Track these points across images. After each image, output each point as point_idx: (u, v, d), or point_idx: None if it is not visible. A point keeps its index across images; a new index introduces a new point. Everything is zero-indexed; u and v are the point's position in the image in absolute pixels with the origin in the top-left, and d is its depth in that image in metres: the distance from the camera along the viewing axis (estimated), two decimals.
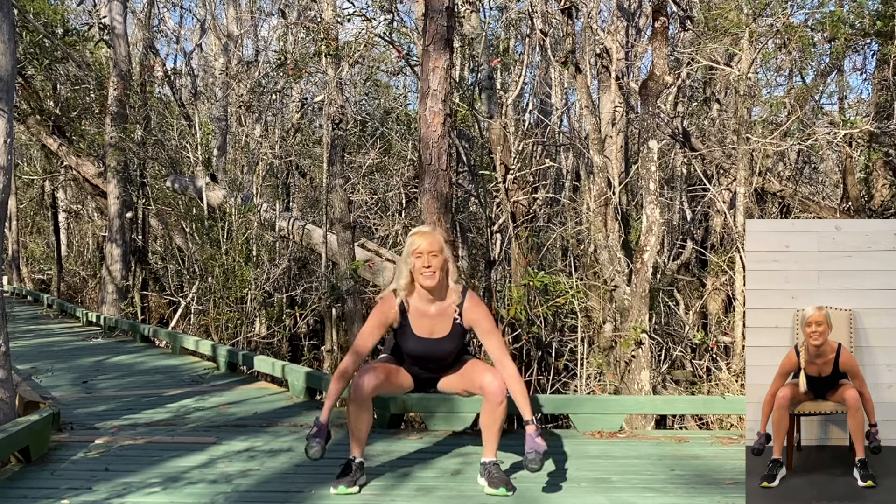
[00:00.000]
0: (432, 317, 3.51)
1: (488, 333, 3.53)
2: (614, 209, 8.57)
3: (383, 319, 3.52)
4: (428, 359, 3.58)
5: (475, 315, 3.52)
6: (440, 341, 3.52)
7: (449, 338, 3.52)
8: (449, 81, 6.03)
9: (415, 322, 3.51)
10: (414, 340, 3.52)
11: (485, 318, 3.53)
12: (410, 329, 3.52)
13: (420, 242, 3.43)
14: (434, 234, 3.48)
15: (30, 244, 26.36)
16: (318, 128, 15.08)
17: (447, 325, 3.51)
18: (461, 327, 3.54)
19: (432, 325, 3.51)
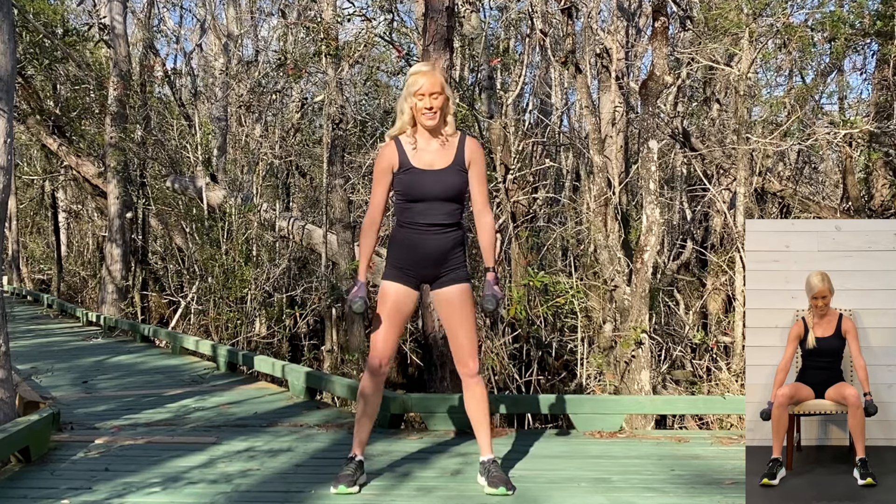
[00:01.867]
0: (433, 151, 3.47)
1: (479, 178, 3.52)
2: (614, 209, 8.57)
3: (385, 164, 3.48)
4: (428, 197, 3.45)
5: (475, 153, 3.50)
6: (441, 173, 3.45)
7: (450, 170, 3.46)
8: (449, 81, 6.03)
9: (415, 157, 3.46)
10: (415, 174, 3.44)
11: (482, 161, 3.53)
12: (411, 164, 3.45)
13: (422, 82, 3.38)
14: (434, 74, 3.43)
15: (30, 244, 26.36)
16: (318, 128, 15.10)
17: (448, 157, 3.47)
18: (462, 161, 3.48)
19: (433, 158, 3.47)
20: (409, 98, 3.42)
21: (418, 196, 3.45)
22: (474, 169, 3.51)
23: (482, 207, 3.54)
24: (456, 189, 3.47)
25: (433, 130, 3.46)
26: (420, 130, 3.48)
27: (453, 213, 3.49)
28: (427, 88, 3.38)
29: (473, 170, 3.50)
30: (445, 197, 3.45)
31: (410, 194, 3.46)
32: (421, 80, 3.39)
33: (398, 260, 3.53)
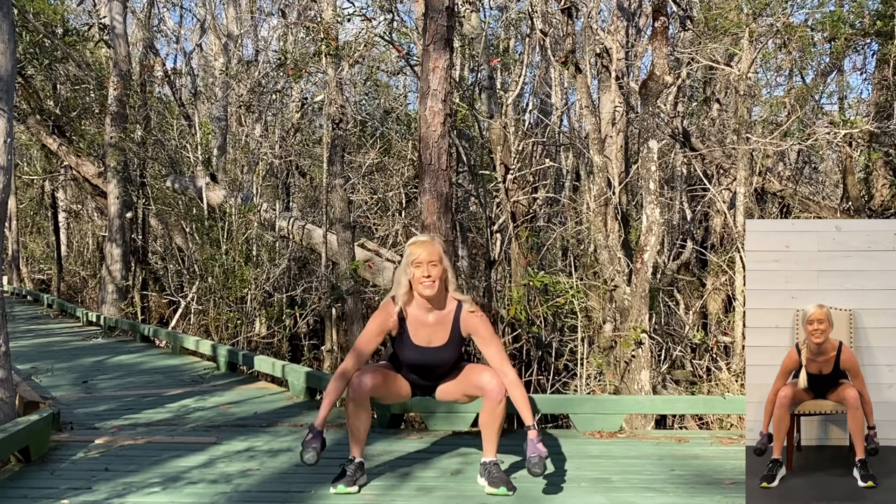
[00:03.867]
0: (430, 325, 3.50)
1: (487, 341, 3.52)
2: (614, 209, 8.57)
3: (383, 326, 3.52)
4: (426, 367, 3.58)
5: (473, 323, 3.51)
6: (438, 350, 3.52)
7: (447, 346, 3.52)
8: (449, 81, 6.03)
9: (413, 331, 3.51)
10: (412, 349, 3.52)
11: (483, 326, 3.52)
12: (409, 337, 3.52)
13: (419, 252, 3.41)
14: (433, 244, 3.46)
15: (30, 244, 26.35)
16: (318, 128, 15.10)
17: (445, 334, 3.51)
18: (459, 336, 3.53)
19: (430, 334, 3.51)
20: (408, 268, 3.44)
21: (416, 367, 3.59)
22: (477, 336, 3.55)
23: (500, 366, 3.49)
24: (452, 362, 3.59)
25: (432, 301, 3.47)
26: (418, 301, 3.49)
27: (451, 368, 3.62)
28: (425, 258, 3.40)
29: (476, 337, 3.55)
30: (442, 367, 3.59)
31: (406, 362, 3.59)
32: (418, 250, 3.42)
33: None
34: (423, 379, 3.64)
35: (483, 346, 3.54)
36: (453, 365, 3.61)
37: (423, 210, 6.01)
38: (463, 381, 3.57)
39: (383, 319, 3.51)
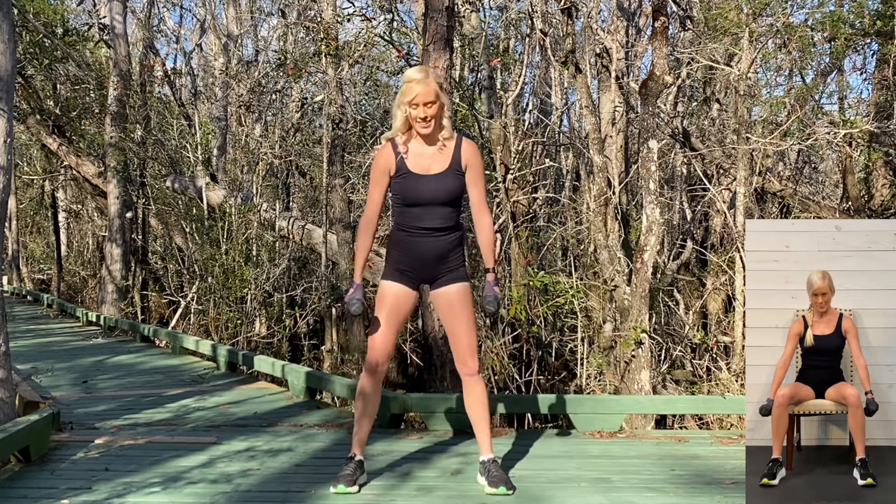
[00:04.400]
0: (429, 155, 3.46)
1: (477, 180, 3.51)
2: (614, 209, 8.57)
3: (382, 166, 3.47)
4: (425, 202, 3.45)
5: (471, 156, 3.49)
6: (438, 177, 3.44)
7: (446, 174, 3.45)
8: (449, 81, 6.03)
9: (411, 162, 3.45)
10: (411, 179, 3.44)
11: (479, 163, 3.51)
12: (407, 168, 3.45)
13: (416, 91, 3.35)
14: (429, 82, 3.38)
15: (30, 244, 26.36)
16: (318, 128, 15.09)
17: (445, 161, 3.46)
18: (459, 165, 3.47)
19: (429, 163, 3.46)
20: (403, 105, 3.41)
21: (415, 201, 3.45)
22: (471, 171, 3.50)
23: (480, 208, 3.54)
24: (453, 193, 3.47)
25: (428, 136, 3.45)
26: (415, 134, 3.47)
27: (451, 216, 3.49)
28: (421, 98, 3.35)
29: (470, 172, 3.50)
30: (442, 201, 3.45)
31: (407, 199, 3.46)
32: (416, 88, 3.36)
33: (397, 262, 3.53)
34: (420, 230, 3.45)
35: (471, 182, 3.50)
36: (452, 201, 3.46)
37: None
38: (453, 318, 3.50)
39: (381, 159, 3.48)
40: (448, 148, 3.47)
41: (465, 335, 3.49)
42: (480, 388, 3.52)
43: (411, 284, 3.53)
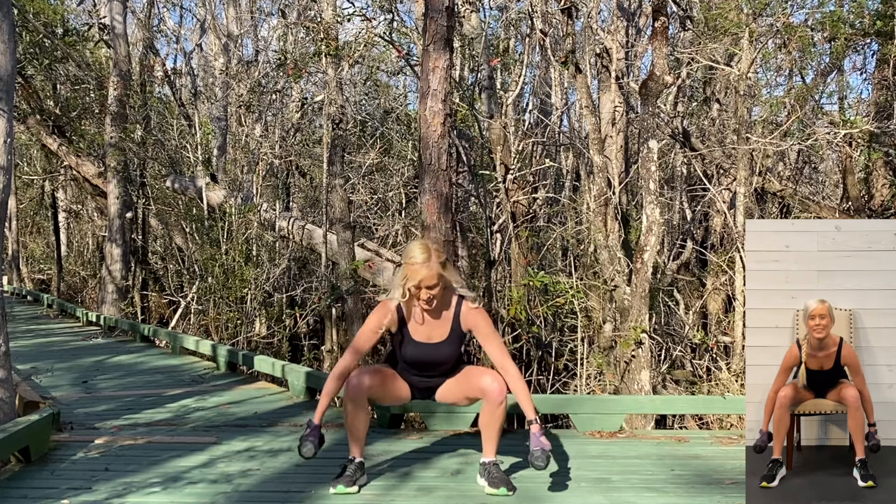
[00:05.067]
0: (430, 322, 3.50)
1: (488, 337, 3.51)
2: (614, 209, 8.57)
3: (381, 323, 3.50)
4: (426, 365, 3.55)
5: (474, 318, 3.50)
6: (438, 346, 3.50)
7: (447, 342, 3.51)
8: (449, 81, 6.03)
9: (413, 327, 3.50)
10: (412, 346, 3.51)
11: (483, 322, 3.51)
12: (408, 334, 3.50)
13: (419, 276, 3.35)
14: (431, 266, 3.36)
15: (30, 244, 26.35)
16: (318, 128, 15.09)
17: (445, 330, 3.50)
18: (460, 331, 3.52)
19: (430, 331, 3.50)
20: (407, 283, 3.40)
21: (415, 364, 3.56)
22: (478, 332, 3.53)
23: (502, 362, 3.50)
24: (453, 356, 3.57)
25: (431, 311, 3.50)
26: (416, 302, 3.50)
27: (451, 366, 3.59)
28: (425, 283, 3.37)
29: (478, 333, 3.54)
30: (443, 366, 3.57)
31: (407, 359, 3.56)
32: (420, 273, 3.35)
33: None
34: (422, 376, 3.60)
35: (484, 341, 3.52)
36: (454, 365, 3.60)
37: (423, 210, 6.01)
38: (463, 384, 3.56)
39: (382, 315, 3.49)
40: (448, 315, 3.51)
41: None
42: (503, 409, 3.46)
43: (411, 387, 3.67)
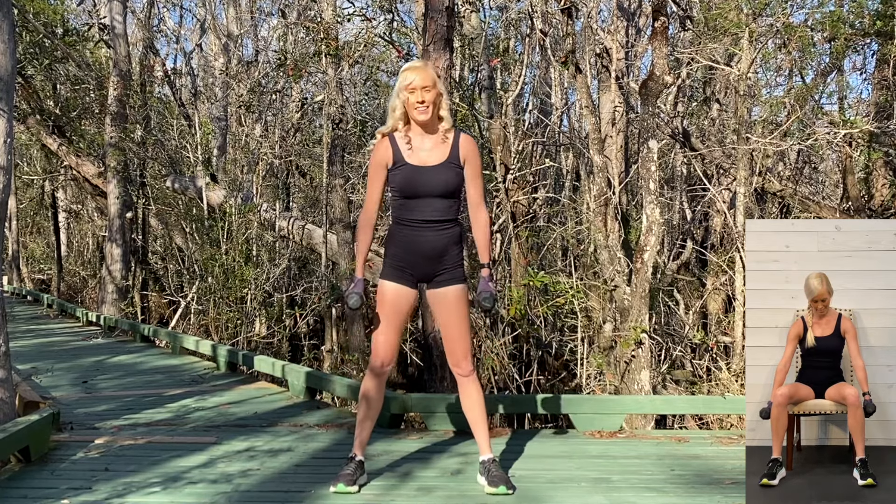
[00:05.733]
0: (427, 148, 3.46)
1: (474, 177, 3.51)
2: (614, 209, 8.57)
3: (379, 159, 3.48)
4: (422, 191, 3.44)
5: (470, 150, 3.49)
6: (435, 169, 3.44)
7: (444, 166, 3.45)
8: (449, 81, 6.03)
9: (409, 154, 3.45)
10: (409, 170, 3.43)
11: (477, 158, 3.52)
12: (405, 160, 3.44)
13: (412, 77, 3.38)
14: (426, 69, 3.43)
15: (30, 244, 26.36)
16: (318, 128, 15.09)
17: (443, 154, 3.46)
18: (457, 159, 3.47)
19: (427, 155, 3.46)
20: (401, 93, 3.41)
21: (413, 193, 3.44)
22: (469, 166, 3.50)
23: (477, 204, 3.55)
24: (451, 185, 3.46)
25: (427, 126, 3.45)
26: (414, 127, 3.46)
27: (449, 209, 3.48)
28: (418, 83, 3.36)
29: (469, 167, 3.50)
30: (441, 193, 3.45)
31: (405, 191, 3.45)
32: (412, 75, 3.38)
33: (396, 258, 3.52)
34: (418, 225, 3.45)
35: (470, 179, 3.50)
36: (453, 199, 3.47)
37: None
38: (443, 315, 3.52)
39: (379, 152, 3.48)
40: (447, 141, 3.48)
41: (459, 337, 3.49)
42: (476, 388, 3.52)
43: (410, 283, 3.52)
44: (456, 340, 3.49)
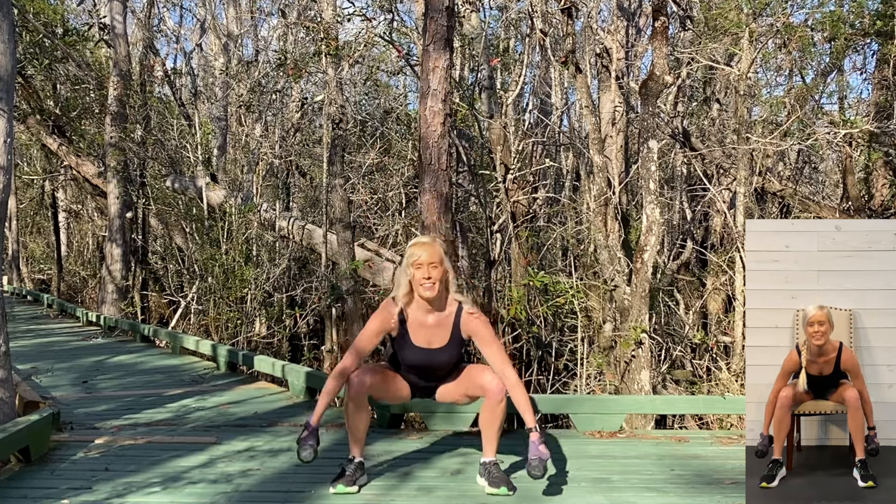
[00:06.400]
0: (430, 327, 3.50)
1: (487, 343, 3.50)
2: (614, 209, 8.57)
3: (383, 326, 3.51)
4: (426, 368, 3.57)
5: (473, 325, 3.50)
6: (438, 351, 3.51)
7: (447, 348, 3.51)
8: (449, 81, 6.03)
9: (413, 332, 3.50)
10: (412, 350, 3.51)
11: (483, 328, 3.51)
12: (409, 339, 3.51)
13: (420, 254, 3.40)
14: (434, 246, 3.44)
15: (30, 244, 26.34)
16: (318, 128, 15.09)
17: (445, 335, 3.50)
18: (460, 337, 3.52)
19: (431, 336, 3.50)
20: (409, 269, 3.43)
21: (415, 368, 3.57)
22: (477, 338, 3.53)
23: (502, 368, 3.47)
24: (452, 363, 3.58)
25: (432, 302, 3.46)
26: (418, 302, 3.48)
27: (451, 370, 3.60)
28: (426, 259, 3.39)
29: (477, 339, 3.53)
30: (442, 369, 3.57)
31: (407, 363, 3.57)
32: (419, 251, 3.41)
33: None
34: (422, 380, 3.62)
35: (483, 347, 3.53)
36: (453, 366, 3.60)
37: (423, 210, 6.01)
38: (464, 382, 3.57)
39: (383, 319, 3.50)
40: (448, 321, 3.50)
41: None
42: (503, 408, 3.47)
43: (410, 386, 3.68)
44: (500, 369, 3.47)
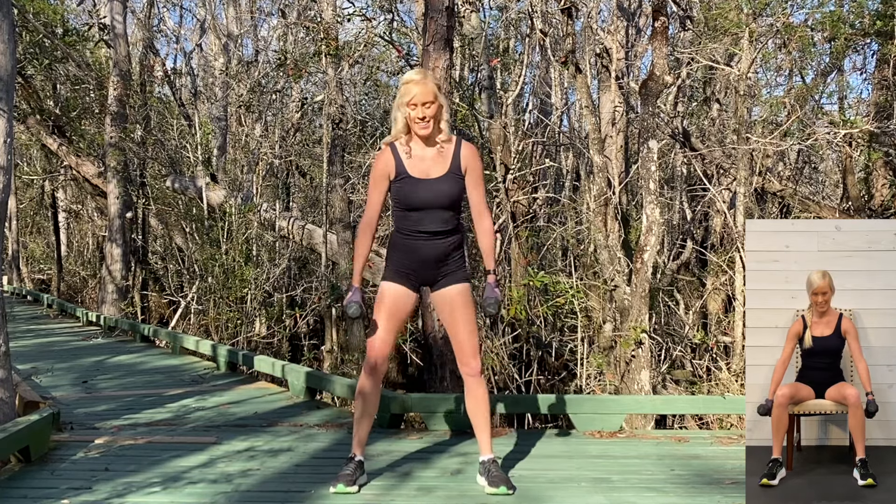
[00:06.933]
0: (429, 159, 3.47)
1: (476, 183, 3.52)
2: (614, 209, 8.57)
3: (381, 169, 3.48)
4: (424, 205, 3.45)
5: (471, 159, 3.49)
6: (437, 181, 3.45)
7: (446, 178, 3.45)
8: (449, 81, 6.03)
9: (411, 166, 3.46)
10: (411, 183, 3.44)
11: (478, 166, 3.53)
12: (407, 172, 3.45)
13: (414, 91, 3.37)
14: (427, 83, 3.40)
15: (30, 244, 26.35)
16: (318, 128, 15.10)
17: (444, 165, 3.46)
18: (458, 169, 3.47)
19: (429, 166, 3.46)
20: (402, 107, 3.42)
21: (415, 205, 3.46)
22: (471, 174, 3.51)
23: (480, 211, 3.56)
24: (452, 197, 3.48)
25: (428, 138, 3.45)
26: (415, 137, 3.47)
27: (451, 219, 3.50)
28: (419, 98, 3.36)
29: (470, 175, 3.50)
30: (442, 205, 3.46)
31: (407, 203, 3.47)
32: (414, 89, 3.38)
33: (397, 264, 3.54)
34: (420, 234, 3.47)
35: (472, 186, 3.52)
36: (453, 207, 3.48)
37: None
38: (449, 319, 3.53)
39: (381, 164, 3.49)
40: (447, 151, 3.48)
41: (467, 336, 3.50)
42: (482, 389, 3.53)
43: (411, 286, 3.54)
44: (464, 339, 3.49)
